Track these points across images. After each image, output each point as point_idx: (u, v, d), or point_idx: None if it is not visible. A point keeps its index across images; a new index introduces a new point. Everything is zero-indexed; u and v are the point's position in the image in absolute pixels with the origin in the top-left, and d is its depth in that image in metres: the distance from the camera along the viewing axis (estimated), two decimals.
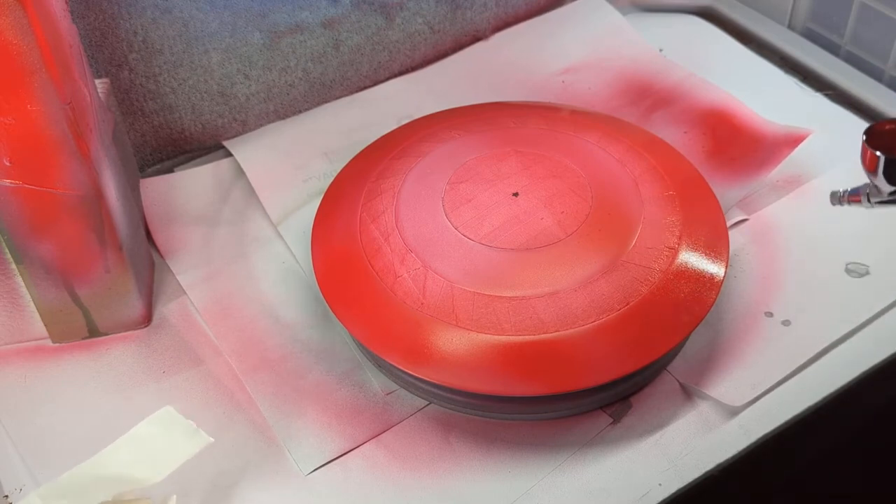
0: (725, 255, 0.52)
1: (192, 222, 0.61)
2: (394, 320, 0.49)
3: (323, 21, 0.66)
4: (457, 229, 0.51)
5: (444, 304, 0.48)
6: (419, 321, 0.48)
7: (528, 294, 0.48)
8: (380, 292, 0.50)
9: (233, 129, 0.67)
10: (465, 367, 0.47)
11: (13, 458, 0.49)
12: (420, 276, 0.49)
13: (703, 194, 0.55)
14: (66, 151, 0.46)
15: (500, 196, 0.53)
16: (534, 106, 0.63)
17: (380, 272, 0.50)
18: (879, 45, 0.69)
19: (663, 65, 0.72)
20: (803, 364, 0.51)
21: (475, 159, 0.56)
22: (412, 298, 0.49)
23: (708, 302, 0.49)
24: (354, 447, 0.49)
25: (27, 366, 0.53)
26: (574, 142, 0.57)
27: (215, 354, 0.54)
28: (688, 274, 0.50)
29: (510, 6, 0.75)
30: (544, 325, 0.47)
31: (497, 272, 0.49)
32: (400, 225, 0.52)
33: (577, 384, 0.47)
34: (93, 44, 0.58)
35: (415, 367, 0.47)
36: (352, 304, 0.50)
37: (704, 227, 0.53)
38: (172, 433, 0.45)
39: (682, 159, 0.58)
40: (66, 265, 0.51)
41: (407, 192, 0.54)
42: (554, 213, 0.52)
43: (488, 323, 0.48)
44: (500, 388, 0.47)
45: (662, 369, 0.51)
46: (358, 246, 0.52)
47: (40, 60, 0.43)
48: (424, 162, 0.56)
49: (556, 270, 0.49)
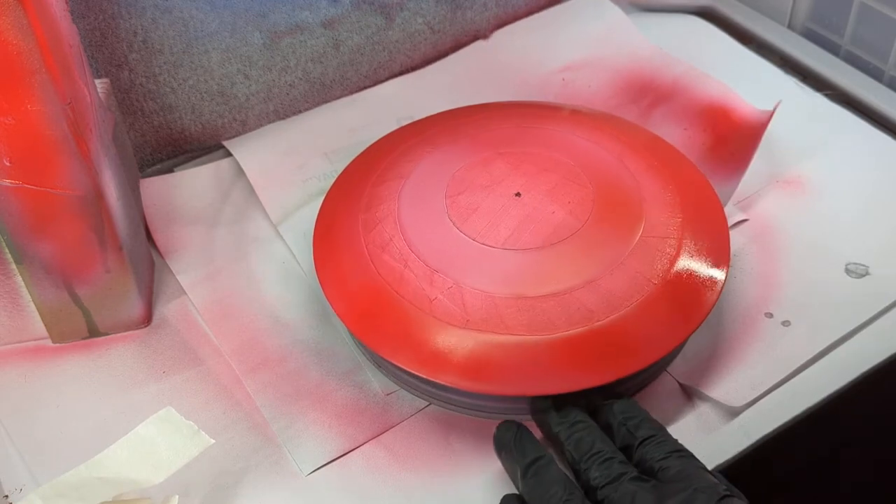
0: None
1: (192, 222, 0.61)
2: (443, 345, 0.47)
3: (323, 21, 0.66)
4: (475, 240, 0.51)
5: (490, 316, 0.47)
6: (468, 340, 0.47)
7: (568, 287, 0.48)
8: (418, 320, 0.48)
9: (233, 128, 0.67)
10: (533, 374, 0.46)
11: (13, 458, 0.49)
12: (455, 294, 0.48)
13: (667, 151, 0.57)
14: (66, 151, 0.46)
15: (504, 199, 0.53)
16: (493, 107, 0.63)
17: (412, 300, 0.49)
18: (879, 45, 0.69)
19: (663, 60, 0.71)
20: (803, 364, 0.51)
21: (462, 169, 0.55)
22: (454, 318, 0.47)
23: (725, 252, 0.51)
24: (354, 447, 0.49)
25: (27, 366, 0.53)
26: (550, 135, 0.58)
27: (215, 354, 0.54)
28: (703, 231, 0.52)
29: (510, 6, 0.75)
30: (593, 315, 0.47)
31: (532, 272, 0.49)
32: (414, 248, 0.51)
33: (647, 359, 0.47)
34: (93, 44, 0.58)
35: (486, 386, 0.46)
36: (399, 343, 0.48)
37: (695, 187, 0.55)
38: (173, 434, 0.45)
39: (638, 128, 0.60)
40: (66, 265, 0.51)
41: (406, 214, 0.53)
42: (562, 205, 0.52)
43: (540, 324, 0.47)
44: (572, 384, 0.46)
45: (662, 370, 0.51)
46: (379, 281, 0.50)
47: (40, 60, 0.43)
48: (410, 183, 0.55)
49: (587, 258, 0.49)
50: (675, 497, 0.39)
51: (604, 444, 0.43)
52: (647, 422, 0.44)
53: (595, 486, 0.41)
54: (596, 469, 0.42)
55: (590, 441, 0.43)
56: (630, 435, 0.43)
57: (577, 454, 0.43)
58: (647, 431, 0.43)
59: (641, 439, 0.43)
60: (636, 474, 0.41)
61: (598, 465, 0.42)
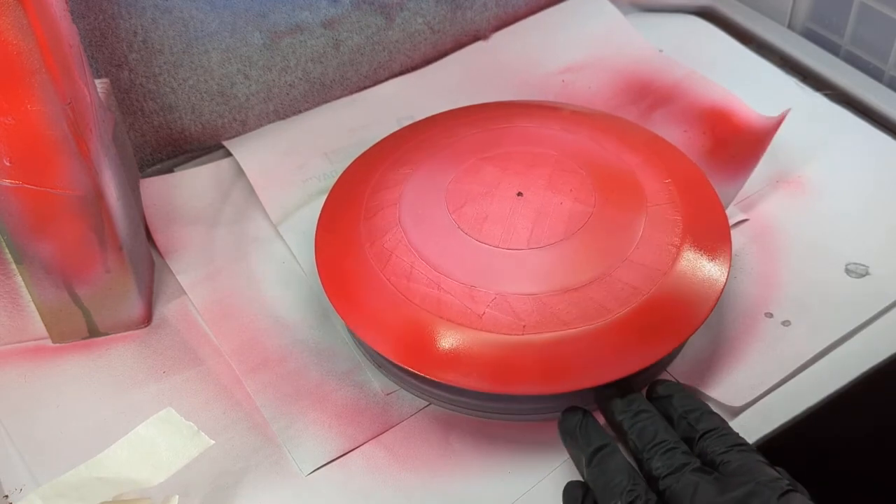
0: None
1: (192, 222, 0.61)
2: (509, 356, 0.46)
3: (323, 21, 0.66)
4: (499, 247, 0.50)
5: (544, 317, 0.47)
6: (531, 345, 0.47)
7: (606, 269, 0.49)
8: (471, 338, 0.47)
9: (233, 128, 0.67)
10: (600, 362, 0.46)
11: (13, 458, 0.49)
12: (501, 303, 0.48)
13: (633, 127, 0.59)
14: (66, 151, 0.46)
15: (509, 202, 0.53)
16: (456, 114, 0.62)
17: (454, 318, 0.48)
18: (879, 45, 0.69)
19: (663, 63, 0.71)
20: (803, 365, 0.51)
21: (452, 181, 0.55)
22: (509, 327, 0.47)
23: (726, 236, 0.52)
24: (354, 447, 0.49)
25: (27, 366, 0.53)
26: (523, 132, 0.59)
27: (215, 354, 0.54)
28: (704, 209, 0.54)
29: (510, 6, 0.75)
30: (638, 290, 0.48)
31: (567, 263, 0.49)
32: (442, 269, 0.50)
33: (702, 314, 0.48)
34: (93, 44, 0.58)
35: (561, 385, 0.46)
36: (466, 368, 0.47)
37: (673, 157, 0.57)
38: (173, 435, 0.45)
39: (603, 113, 0.61)
40: (66, 265, 0.51)
41: (417, 238, 0.51)
42: (566, 194, 0.53)
43: (593, 312, 0.47)
44: (639, 363, 0.46)
45: (662, 370, 0.51)
46: (419, 311, 0.48)
47: (40, 60, 0.43)
48: (405, 204, 0.54)
49: (611, 238, 0.50)
50: (738, 490, 0.39)
51: (667, 433, 0.43)
52: (707, 414, 0.44)
53: (657, 476, 0.41)
54: (658, 459, 0.42)
55: (653, 431, 0.43)
56: (691, 428, 0.44)
57: (640, 443, 0.43)
58: (708, 424, 0.43)
59: (702, 432, 0.43)
60: (699, 465, 0.41)
61: (661, 454, 0.42)
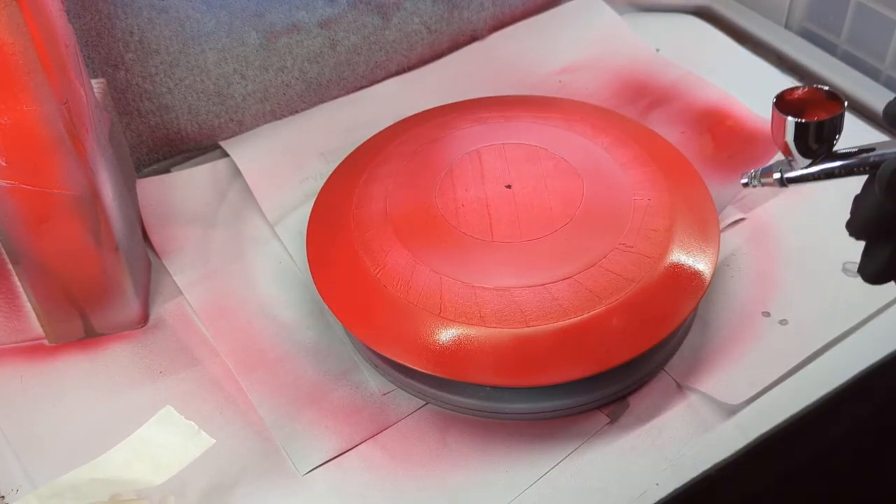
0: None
1: (188, 222, 0.61)
2: (508, 350, 0.47)
3: (319, 21, 0.66)
4: (495, 241, 0.51)
5: (546, 309, 0.47)
6: (527, 342, 0.47)
7: (601, 253, 0.50)
8: (464, 329, 0.47)
9: (229, 129, 0.67)
10: (612, 345, 0.47)
11: (9, 459, 0.49)
12: (504, 297, 0.48)
13: (614, 116, 0.60)
14: (62, 151, 0.46)
15: (498, 194, 0.53)
16: (437, 112, 0.63)
17: (455, 318, 0.48)
18: (876, 44, 0.69)
19: (660, 64, 0.72)
20: (800, 363, 0.51)
21: (443, 175, 0.55)
22: (511, 321, 0.47)
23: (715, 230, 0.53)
24: (351, 447, 0.48)
25: (24, 366, 0.53)
26: (513, 126, 0.59)
27: (212, 355, 0.54)
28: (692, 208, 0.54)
29: (507, 6, 0.75)
30: (631, 276, 0.49)
31: (579, 253, 0.50)
32: (435, 264, 0.50)
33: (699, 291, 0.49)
34: (89, 43, 0.58)
35: (580, 370, 0.47)
36: (483, 366, 0.47)
37: (658, 146, 0.57)
38: (174, 434, 0.45)
39: (607, 110, 0.62)
40: (62, 265, 0.51)
41: (407, 234, 0.52)
42: (554, 189, 0.53)
43: (589, 301, 0.48)
44: (654, 338, 0.48)
45: (660, 368, 0.51)
46: (406, 303, 0.49)
47: (36, 60, 0.43)
48: (395, 200, 0.54)
49: (621, 222, 0.51)
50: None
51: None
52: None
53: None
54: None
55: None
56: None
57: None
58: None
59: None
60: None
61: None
